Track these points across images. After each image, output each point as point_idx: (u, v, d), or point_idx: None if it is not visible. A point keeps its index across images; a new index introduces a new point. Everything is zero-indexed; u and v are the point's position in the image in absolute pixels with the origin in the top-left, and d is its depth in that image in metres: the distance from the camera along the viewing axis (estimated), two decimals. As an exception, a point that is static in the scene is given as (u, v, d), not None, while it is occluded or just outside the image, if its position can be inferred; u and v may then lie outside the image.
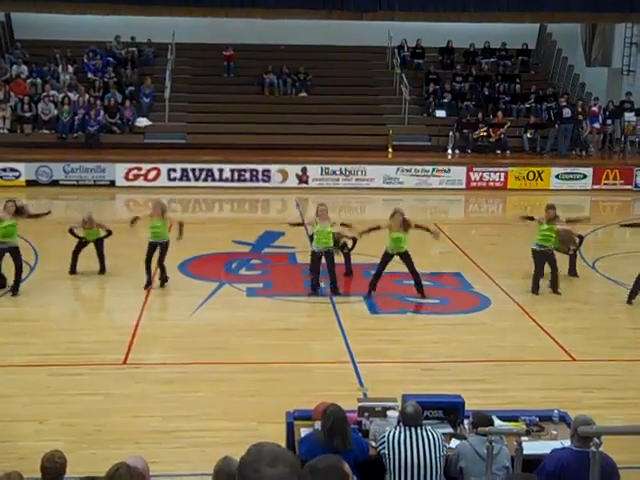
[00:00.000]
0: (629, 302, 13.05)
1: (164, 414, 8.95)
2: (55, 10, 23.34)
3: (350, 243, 14.07)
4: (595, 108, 25.35)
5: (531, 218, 14.13)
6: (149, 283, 13.30)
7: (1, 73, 25.01)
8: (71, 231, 13.89)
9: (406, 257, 13.07)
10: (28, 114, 23.83)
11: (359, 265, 14.66)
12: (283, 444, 6.63)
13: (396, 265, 13.31)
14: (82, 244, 13.93)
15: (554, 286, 13.43)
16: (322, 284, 13.42)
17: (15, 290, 12.89)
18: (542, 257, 13.35)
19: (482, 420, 6.61)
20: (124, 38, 26.48)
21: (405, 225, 13.06)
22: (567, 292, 13.63)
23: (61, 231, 14.50)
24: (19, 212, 13.20)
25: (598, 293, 14.13)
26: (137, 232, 13.63)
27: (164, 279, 13.49)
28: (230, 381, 9.94)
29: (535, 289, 13.41)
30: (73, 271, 13.90)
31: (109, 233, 14.04)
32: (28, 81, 24.82)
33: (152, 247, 13.36)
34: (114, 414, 8.94)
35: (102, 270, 14.04)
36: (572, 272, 14.36)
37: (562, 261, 13.87)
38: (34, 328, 11.65)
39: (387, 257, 13.15)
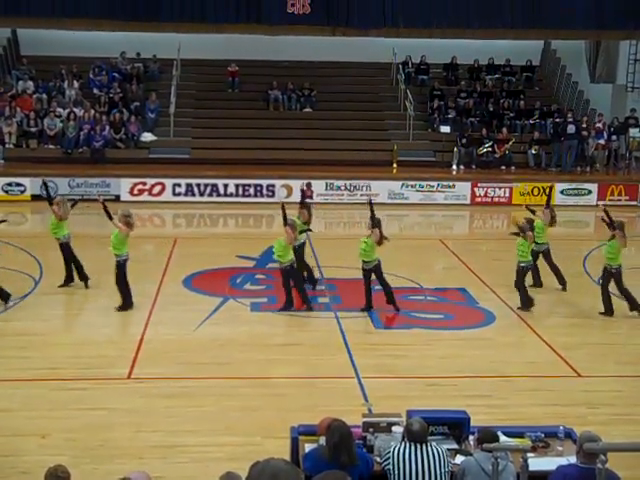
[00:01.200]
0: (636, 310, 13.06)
1: (168, 429, 8.92)
2: (62, 27, 23.49)
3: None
4: (599, 124, 25.39)
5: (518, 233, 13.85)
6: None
7: (7, 89, 25.14)
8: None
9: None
10: (34, 129, 23.94)
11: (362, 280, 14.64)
12: (287, 459, 6.59)
13: (401, 280, 13.29)
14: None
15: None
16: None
17: None
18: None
19: (487, 436, 6.57)
20: (129, 54, 26.64)
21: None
22: (572, 308, 13.59)
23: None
24: None
25: (603, 308, 14.07)
26: (141, 246, 13.61)
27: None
28: (234, 396, 9.91)
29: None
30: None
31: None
32: (34, 97, 24.95)
33: None
34: (118, 429, 8.91)
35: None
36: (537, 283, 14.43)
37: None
38: (37, 342, 11.62)
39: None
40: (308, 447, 6.77)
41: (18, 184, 21.88)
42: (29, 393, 9.85)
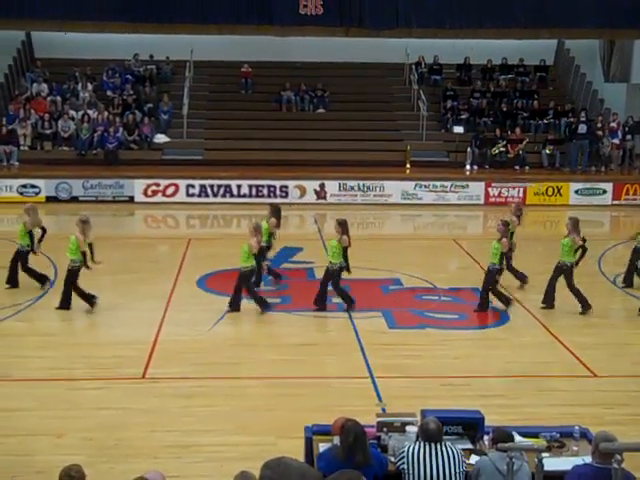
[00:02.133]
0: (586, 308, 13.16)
1: (182, 428, 8.94)
2: (75, 29, 23.67)
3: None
4: (614, 124, 25.28)
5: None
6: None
7: (22, 91, 25.27)
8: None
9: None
10: (48, 131, 24.06)
11: (376, 280, 14.66)
12: (301, 459, 6.59)
13: (415, 280, 13.27)
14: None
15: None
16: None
17: None
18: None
19: (502, 436, 6.55)
20: (142, 56, 26.73)
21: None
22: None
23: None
24: None
25: (618, 308, 14.01)
26: (155, 247, 13.65)
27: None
28: (248, 396, 9.92)
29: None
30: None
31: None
32: (48, 99, 25.08)
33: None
34: (133, 428, 8.94)
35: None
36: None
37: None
38: (53, 342, 11.68)
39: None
40: (322, 447, 6.77)
41: (33, 185, 21.99)
42: (45, 393, 9.89)
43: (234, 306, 13.08)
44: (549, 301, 13.39)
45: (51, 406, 9.48)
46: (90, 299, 13.05)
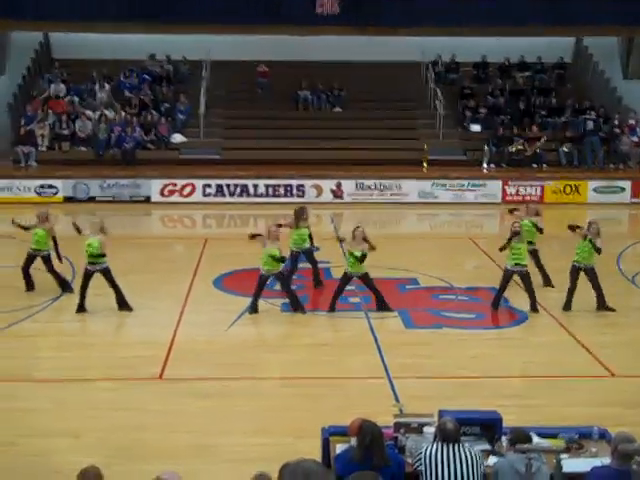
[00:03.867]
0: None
1: (200, 429, 8.94)
2: (93, 30, 23.79)
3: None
4: (632, 121, 25.09)
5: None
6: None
7: (40, 92, 25.40)
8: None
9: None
10: (66, 132, 24.17)
11: (393, 280, 14.62)
12: (319, 460, 6.57)
13: (432, 280, 13.23)
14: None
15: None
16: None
17: None
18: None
19: (520, 437, 6.49)
20: (159, 56, 26.82)
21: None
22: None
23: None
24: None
25: (637, 307, 13.88)
26: (171, 247, 13.66)
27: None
28: (265, 396, 9.92)
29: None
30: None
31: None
32: (66, 99, 25.18)
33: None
34: (150, 429, 8.95)
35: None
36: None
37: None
38: (70, 343, 11.73)
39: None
40: (339, 448, 6.75)
41: (51, 186, 22.11)
42: (62, 393, 9.93)
43: (295, 305, 13.12)
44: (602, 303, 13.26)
45: (68, 407, 9.51)
46: (65, 285, 13.55)
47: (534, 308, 13.14)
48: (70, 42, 26.07)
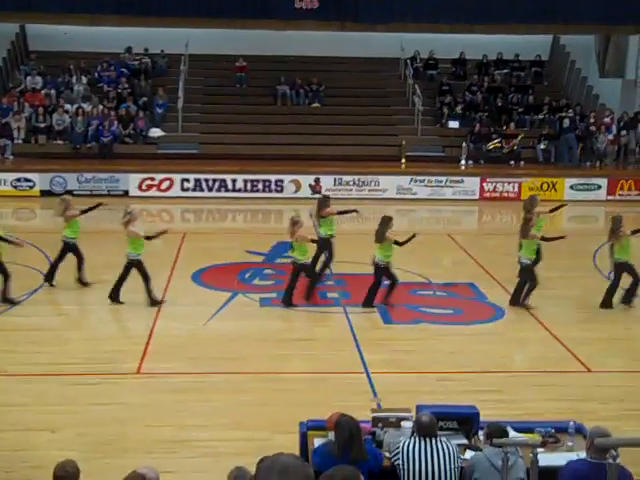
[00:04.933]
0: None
1: (178, 424, 8.93)
2: (69, 22, 23.60)
3: None
4: (607, 119, 25.30)
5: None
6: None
7: (16, 84, 25.19)
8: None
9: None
10: (42, 125, 23.98)
11: (371, 276, 14.64)
12: (297, 454, 6.59)
13: (410, 275, 13.30)
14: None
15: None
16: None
17: None
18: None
19: (497, 431, 6.55)
20: (137, 49, 26.65)
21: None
22: (582, 302, 13.56)
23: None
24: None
25: (613, 304, 14.00)
26: (149, 242, 13.61)
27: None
28: (244, 391, 9.92)
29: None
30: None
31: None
32: (42, 92, 24.98)
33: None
34: (128, 423, 8.93)
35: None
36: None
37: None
38: (48, 338, 11.65)
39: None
40: (317, 442, 6.77)
41: (27, 179, 21.94)
42: (40, 388, 9.88)
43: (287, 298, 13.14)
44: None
45: (46, 401, 9.46)
46: (50, 278, 13.41)
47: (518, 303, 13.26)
48: (47, 34, 25.81)
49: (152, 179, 22.24)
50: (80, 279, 13.89)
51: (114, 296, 12.99)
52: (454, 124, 25.12)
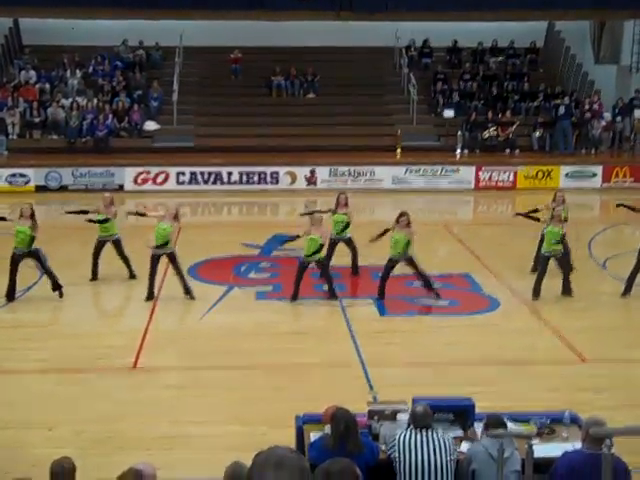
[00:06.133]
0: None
1: (174, 419, 8.94)
2: (62, 15, 23.51)
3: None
4: (596, 105, 25.24)
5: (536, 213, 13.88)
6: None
7: (10, 79, 25.10)
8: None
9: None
10: (37, 119, 23.90)
11: (367, 267, 14.66)
12: (292, 447, 6.60)
13: (405, 267, 13.24)
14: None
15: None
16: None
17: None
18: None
19: (495, 422, 6.55)
20: (132, 42, 26.55)
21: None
22: (577, 292, 13.56)
23: (68, 236, 14.48)
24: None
25: (609, 293, 14.01)
26: (144, 236, 13.60)
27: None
28: (240, 385, 9.93)
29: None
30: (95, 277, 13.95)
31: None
32: (37, 86, 24.89)
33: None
34: (124, 420, 8.93)
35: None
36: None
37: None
38: (43, 334, 11.65)
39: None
40: (313, 436, 6.78)
41: (22, 175, 21.89)
42: (35, 385, 9.89)
43: (332, 296, 13.11)
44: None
45: (42, 398, 9.47)
46: (57, 284, 13.14)
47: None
48: (41, 28, 25.66)
49: (147, 173, 22.20)
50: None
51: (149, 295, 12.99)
52: (449, 113, 25.07)
